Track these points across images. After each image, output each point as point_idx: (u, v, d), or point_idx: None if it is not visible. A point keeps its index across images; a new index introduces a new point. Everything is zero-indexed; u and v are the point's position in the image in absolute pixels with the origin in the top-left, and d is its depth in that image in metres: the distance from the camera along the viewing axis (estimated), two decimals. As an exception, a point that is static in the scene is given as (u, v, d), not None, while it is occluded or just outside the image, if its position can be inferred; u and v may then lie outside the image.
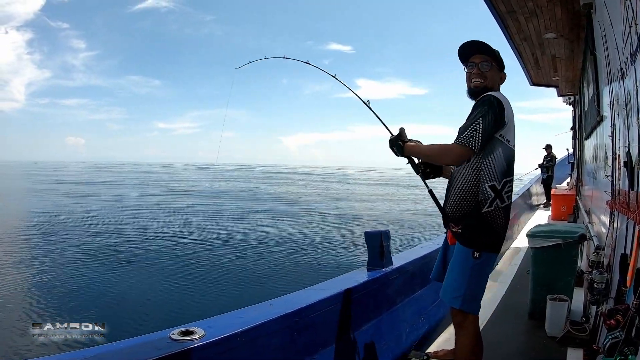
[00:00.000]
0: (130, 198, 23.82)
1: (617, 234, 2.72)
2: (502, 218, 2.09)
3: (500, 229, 2.10)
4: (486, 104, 2.02)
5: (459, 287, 2.10)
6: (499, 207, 2.06)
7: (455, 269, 2.14)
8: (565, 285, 3.48)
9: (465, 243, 2.09)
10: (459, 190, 2.12)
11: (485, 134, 1.98)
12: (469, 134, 1.98)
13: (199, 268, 8.78)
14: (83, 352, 1.58)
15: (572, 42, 6.02)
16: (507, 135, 2.06)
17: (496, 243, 2.11)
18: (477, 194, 2.06)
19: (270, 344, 1.95)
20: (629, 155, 2.23)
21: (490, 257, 2.12)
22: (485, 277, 2.17)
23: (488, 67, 2.17)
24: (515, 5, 4.76)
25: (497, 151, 2.04)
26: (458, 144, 2.00)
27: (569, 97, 10.63)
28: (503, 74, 2.24)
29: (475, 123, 1.98)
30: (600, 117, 4.39)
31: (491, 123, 1.99)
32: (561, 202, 9.13)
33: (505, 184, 2.07)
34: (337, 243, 11.44)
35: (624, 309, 1.66)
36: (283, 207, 19.99)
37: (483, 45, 2.19)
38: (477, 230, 2.07)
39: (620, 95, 2.62)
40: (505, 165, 2.06)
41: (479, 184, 2.06)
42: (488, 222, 2.06)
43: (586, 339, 2.90)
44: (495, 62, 2.19)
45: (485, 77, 2.17)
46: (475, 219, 2.07)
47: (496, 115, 2.00)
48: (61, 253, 9.95)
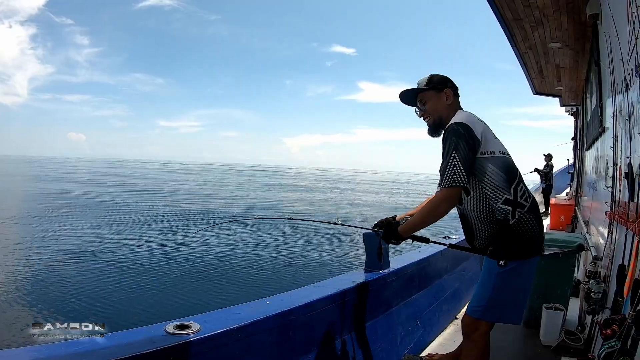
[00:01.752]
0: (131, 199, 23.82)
1: (615, 244, 2.72)
2: (533, 220, 2.02)
3: (533, 232, 2.02)
4: (452, 134, 1.96)
5: (482, 298, 2.08)
6: (522, 213, 1.98)
7: (481, 281, 2.11)
8: (561, 294, 3.48)
9: (493, 256, 2.04)
10: (477, 223, 2.05)
11: (467, 163, 1.92)
12: (450, 173, 1.91)
13: (197, 267, 8.79)
14: (78, 343, 1.58)
15: (577, 52, 6.03)
16: (488, 148, 2.00)
17: (526, 248, 2.02)
18: (495, 216, 1.99)
19: (266, 340, 1.95)
20: (630, 167, 2.24)
21: (522, 264, 2.03)
22: (517, 286, 2.07)
23: (423, 105, 2.21)
24: (521, 14, 4.77)
25: (488, 168, 1.98)
26: (444, 187, 1.93)
27: (571, 107, 10.64)
28: (447, 90, 2.18)
29: (452, 158, 1.91)
30: (602, 128, 4.40)
31: (466, 150, 1.92)
32: (560, 212, 9.14)
33: (516, 190, 2.00)
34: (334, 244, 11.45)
35: (620, 319, 1.66)
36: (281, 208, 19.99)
37: (404, 93, 2.26)
38: (507, 242, 2.00)
39: (623, 106, 2.62)
40: (504, 174, 1.99)
41: (491, 207, 1.99)
42: (521, 232, 1.99)
43: (580, 349, 2.91)
44: (428, 92, 2.19)
45: (429, 113, 2.20)
46: (504, 234, 2.00)
47: (467, 141, 1.93)
48: (61, 253, 9.95)
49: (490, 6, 4.66)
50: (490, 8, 4.69)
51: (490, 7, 4.67)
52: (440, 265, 3.72)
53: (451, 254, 3.79)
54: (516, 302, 2.11)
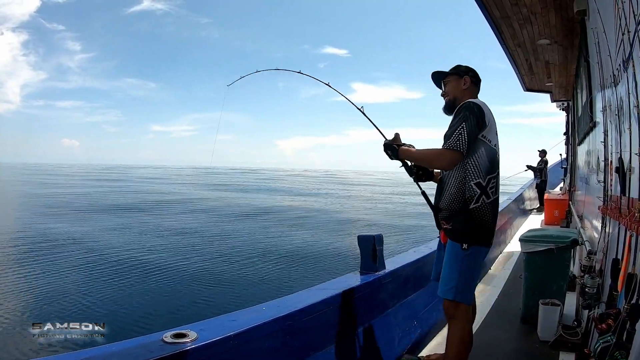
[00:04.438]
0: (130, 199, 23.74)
1: (608, 239, 2.74)
2: (490, 212, 2.22)
3: (488, 222, 2.22)
4: (467, 109, 2.17)
5: (451, 279, 2.23)
6: (485, 203, 2.19)
7: (448, 263, 2.26)
8: (557, 289, 3.49)
9: (455, 238, 2.23)
10: (448, 190, 2.25)
11: (471, 135, 2.12)
12: (456, 138, 2.11)
13: (195, 271, 8.76)
14: (76, 355, 1.57)
15: (566, 48, 6.08)
16: (488, 135, 2.19)
17: (484, 236, 2.24)
18: (464, 192, 2.19)
19: (263, 347, 1.94)
20: (621, 161, 2.26)
21: (480, 250, 2.25)
22: (477, 269, 2.30)
23: (445, 85, 2.44)
24: (509, 11, 4.81)
25: (480, 151, 2.17)
26: (447, 148, 2.14)
27: (562, 102, 10.72)
28: (466, 77, 2.38)
29: (460, 127, 2.12)
30: (593, 123, 4.43)
31: (474, 125, 2.13)
32: (554, 207, 9.19)
33: (490, 180, 2.19)
34: (331, 246, 11.45)
35: (615, 313, 1.67)
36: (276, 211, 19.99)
37: (434, 75, 2.49)
38: (466, 225, 2.20)
39: (612, 101, 2.65)
40: (488, 163, 2.19)
41: (465, 182, 2.19)
42: (476, 217, 2.19)
43: (578, 343, 2.91)
44: (451, 76, 2.41)
45: (447, 93, 2.42)
46: (464, 215, 2.20)
47: (477, 118, 2.14)
48: (61, 253, 9.92)
49: (478, 5, 4.68)
50: (477, 7, 4.72)
51: (478, 6, 4.70)
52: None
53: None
54: (473, 284, 2.37)
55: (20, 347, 4.86)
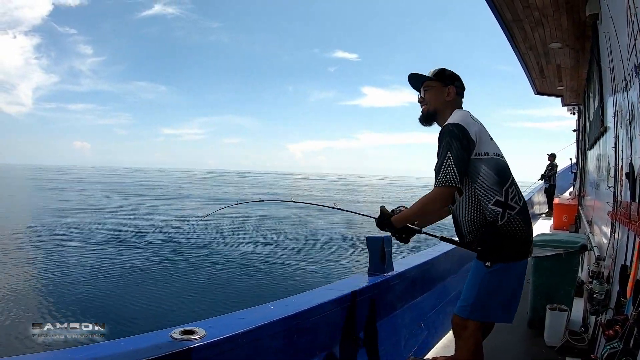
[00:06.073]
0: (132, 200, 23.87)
1: (617, 245, 2.72)
2: (521, 223, 2.04)
3: (522, 235, 2.04)
4: (446, 135, 2.00)
5: (469, 297, 2.09)
6: (512, 215, 2.01)
7: (469, 280, 2.13)
8: (565, 294, 3.48)
9: (479, 257, 2.08)
10: (467, 222, 2.09)
11: (460, 163, 1.96)
12: (445, 173, 1.96)
13: (200, 270, 8.80)
14: (83, 350, 1.59)
15: (578, 52, 6.03)
16: (482, 149, 2.04)
17: (514, 250, 2.05)
18: (484, 217, 2.03)
19: (271, 345, 1.96)
20: (632, 167, 2.24)
21: (509, 266, 2.05)
22: (503, 287, 2.08)
23: (424, 92, 2.21)
24: (521, 14, 4.78)
25: (482, 170, 2.02)
26: (438, 186, 1.98)
27: (573, 106, 10.62)
28: (451, 87, 2.19)
29: (446, 159, 1.96)
30: (603, 128, 4.39)
31: (460, 150, 1.96)
32: (563, 212, 9.08)
33: (507, 191, 2.03)
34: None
35: (623, 320, 1.67)
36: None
37: (412, 76, 2.25)
38: (490, 243, 2.03)
39: (624, 107, 2.62)
40: (496, 176, 2.02)
41: (482, 208, 2.03)
42: (509, 233, 2.02)
43: (585, 349, 2.90)
44: (434, 82, 2.20)
45: (426, 102, 2.20)
46: (492, 235, 2.03)
47: (461, 141, 1.97)
48: (62, 253, 9.98)
49: (489, 8, 4.66)
50: (489, 10, 4.70)
51: (490, 8, 4.68)
52: (443, 267, 3.72)
53: (455, 256, 3.78)
54: (503, 302, 2.11)
55: (20, 347, 4.91)
